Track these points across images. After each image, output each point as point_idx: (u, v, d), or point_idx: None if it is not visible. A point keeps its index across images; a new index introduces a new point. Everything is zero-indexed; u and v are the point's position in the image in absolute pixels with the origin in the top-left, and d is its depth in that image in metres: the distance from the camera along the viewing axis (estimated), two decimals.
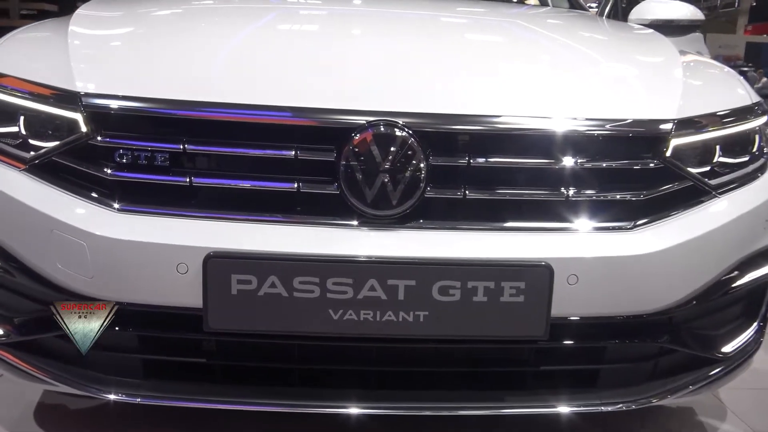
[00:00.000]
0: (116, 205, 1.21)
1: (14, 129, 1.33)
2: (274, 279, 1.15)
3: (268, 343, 1.24)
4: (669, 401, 1.38)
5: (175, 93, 1.23)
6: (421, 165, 1.19)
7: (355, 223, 1.21)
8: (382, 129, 1.18)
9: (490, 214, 1.24)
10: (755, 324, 1.52)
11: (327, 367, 1.28)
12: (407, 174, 1.19)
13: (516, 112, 1.25)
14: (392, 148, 1.18)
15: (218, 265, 1.16)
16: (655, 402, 1.34)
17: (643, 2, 2.70)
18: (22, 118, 1.32)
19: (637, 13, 2.65)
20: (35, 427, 1.62)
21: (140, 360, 1.28)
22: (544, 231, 1.24)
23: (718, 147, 1.43)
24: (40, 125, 1.30)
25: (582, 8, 2.61)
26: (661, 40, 1.80)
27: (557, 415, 1.42)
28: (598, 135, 1.28)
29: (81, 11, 1.59)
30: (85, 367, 1.29)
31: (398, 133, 1.18)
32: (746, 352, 1.47)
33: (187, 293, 1.17)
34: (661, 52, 1.66)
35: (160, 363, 1.29)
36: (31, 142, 1.30)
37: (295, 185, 1.20)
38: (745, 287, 1.44)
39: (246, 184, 1.21)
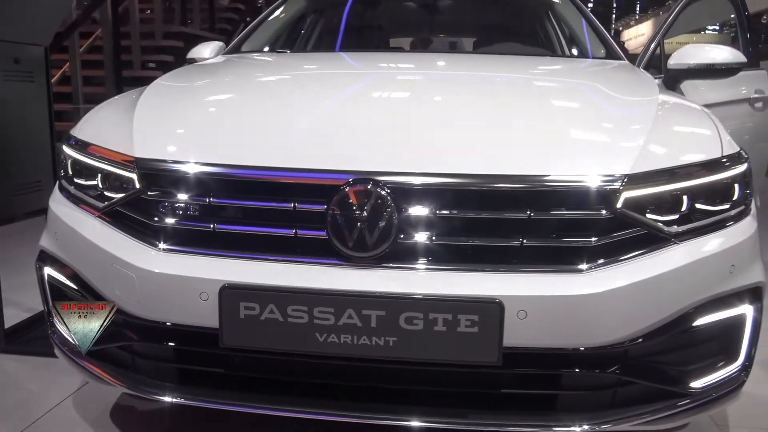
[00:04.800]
0: (160, 246, 1.54)
1: (93, 183, 1.72)
2: (272, 306, 1.43)
3: (270, 359, 1.52)
4: (626, 427, 1.50)
5: (202, 158, 1.54)
6: (394, 216, 1.43)
7: (338, 262, 1.46)
8: (361, 186, 1.44)
9: (452, 257, 1.45)
10: (734, 363, 1.60)
11: (316, 380, 1.53)
12: (381, 223, 1.43)
13: (478, 170, 1.46)
14: (369, 202, 1.43)
15: (230, 294, 1.45)
16: (610, 427, 1.47)
17: (682, 48, 2.79)
18: (99, 176, 1.70)
19: (676, 58, 2.74)
20: (110, 422, 1.99)
21: (175, 368, 1.60)
22: (499, 272, 1.43)
23: (683, 197, 1.55)
24: (110, 182, 1.67)
25: (616, 57, 2.74)
26: (647, 95, 1.90)
27: None
28: (553, 190, 1.46)
29: (151, 87, 1.98)
30: (136, 372, 1.63)
31: (374, 189, 1.43)
32: (721, 389, 1.56)
33: (208, 316, 1.47)
34: (642, 109, 1.80)
35: (189, 371, 1.60)
36: (105, 194, 1.68)
37: (293, 231, 1.49)
38: (708, 328, 1.54)
39: (254, 230, 1.51)
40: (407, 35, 3.81)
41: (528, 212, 1.44)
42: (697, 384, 1.56)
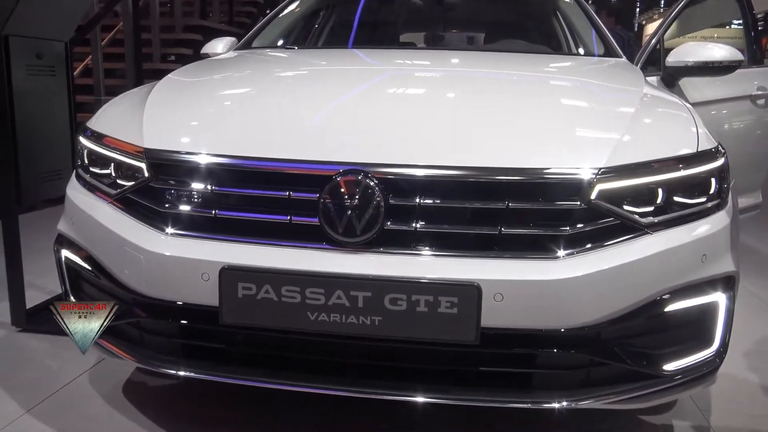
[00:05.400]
0: (166, 230, 1.66)
1: (107, 172, 1.85)
2: (268, 287, 1.54)
3: (266, 335, 1.63)
4: (600, 405, 1.60)
5: (204, 150, 1.66)
6: (381, 204, 1.54)
7: (328, 247, 1.57)
8: (350, 177, 1.55)
9: (434, 244, 1.55)
10: (707, 349, 1.68)
11: (307, 357, 1.65)
12: (369, 211, 1.54)
13: (460, 163, 1.56)
14: (358, 191, 1.54)
15: (229, 275, 1.56)
16: (581, 405, 1.57)
17: (681, 45, 2.86)
18: (112, 165, 1.83)
19: (675, 56, 2.81)
20: (122, 396, 2.13)
21: (180, 344, 1.72)
22: (477, 258, 1.53)
23: (658, 190, 1.64)
24: (122, 171, 1.80)
25: (615, 55, 2.82)
26: (630, 92, 1.99)
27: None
28: (530, 182, 1.56)
29: (162, 82, 2.11)
30: (145, 347, 1.76)
31: (363, 180, 1.54)
32: (693, 373, 1.65)
33: (209, 295, 1.58)
34: (623, 103, 1.89)
35: (192, 347, 1.72)
36: (117, 182, 1.81)
37: (288, 218, 1.60)
38: (680, 314, 1.63)
39: (252, 216, 1.62)
40: (415, 31, 3.90)
41: (506, 202, 1.54)
42: (669, 367, 1.65)
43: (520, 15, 3.58)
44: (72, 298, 1.93)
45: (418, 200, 1.55)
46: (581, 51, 3.05)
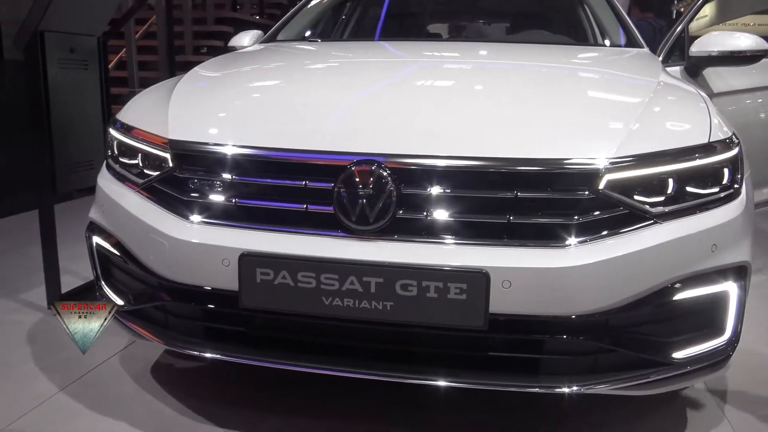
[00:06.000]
0: (189, 217, 1.73)
1: (135, 162, 1.93)
2: (284, 272, 1.60)
3: (283, 319, 1.70)
4: (607, 391, 1.63)
5: (225, 141, 1.72)
6: (393, 193, 1.59)
7: (342, 234, 1.62)
8: (364, 167, 1.60)
9: (444, 232, 1.59)
10: (718, 338, 1.70)
11: (322, 340, 1.71)
12: (382, 200, 1.59)
13: (470, 153, 1.60)
14: (371, 181, 1.59)
15: (248, 261, 1.63)
16: (590, 390, 1.60)
17: (705, 35, 2.84)
18: (139, 155, 1.91)
19: (699, 45, 2.79)
20: (150, 377, 2.23)
21: (202, 326, 1.80)
22: (486, 245, 1.57)
23: (668, 179, 1.66)
24: (149, 161, 1.88)
25: (637, 45, 2.81)
26: (645, 82, 2.00)
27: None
28: (538, 172, 1.59)
29: (188, 75, 2.19)
30: (169, 329, 1.84)
31: (376, 169, 1.59)
32: (703, 362, 1.68)
33: (229, 280, 1.65)
34: (636, 93, 1.90)
35: (214, 329, 1.80)
36: (144, 171, 1.89)
37: (304, 206, 1.66)
38: (689, 303, 1.65)
39: (270, 205, 1.68)
40: (441, 23, 3.93)
41: (515, 192, 1.58)
42: (679, 355, 1.67)
43: (545, 6, 3.58)
44: (102, 282, 2.02)
45: (429, 190, 1.60)
46: (605, 42, 3.04)
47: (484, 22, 3.82)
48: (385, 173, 1.59)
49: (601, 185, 1.59)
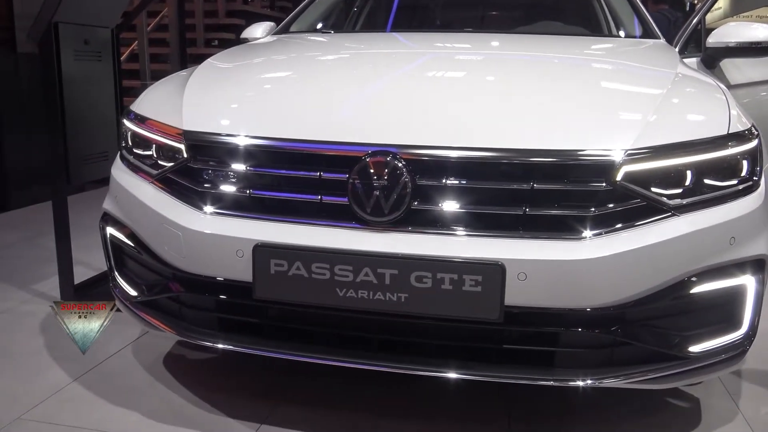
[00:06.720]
0: (203, 208, 1.73)
1: (149, 153, 1.93)
2: (299, 264, 1.60)
3: (297, 310, 1.70)
4: (623, 384, 1.61)
5: (240, 131, 1.72)
6: (408, 184, 1.58)
7: (357, 226, 1.62)
8: (379, 158, 1.59)
9: (459, 223, 1.58)
10: (735, 332, 1.68)
11: (336, 332, 1.71)
12: (397, 191, 1.58)
13: (485, 144, 1.59)
14: (386, 172, 1.58)
15: (262, 252, 1.62)
16: (605, 384, 1.59)
17: (723, 26, 2.80)
18: (153, 146, 1.91)
19: (716, 36, 2.76)
20: (162, 368, 2.23)
21: (216, 318, 1.80)
22: (502, 237, 1.56)
23: (686, 171, 1.64)
24: (163, 152, 1.88)
25: (653, 36, 2.78)
26: (662, 73, 1.98)
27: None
28: (554, 164, 1.58)
29: (201, 66, 2.18)
30: (183, 320, 1.84)
31: (391, 161, 1.58)
32: (719, 356, 1.65)
33: (243, 271, 1.65)
34: (654, 84, 1.88)
35: (228, 320, 1.80)
36: (158, 162, 1.89)
37: (318, 197, 1.65)
38: (706, 296, 1.63)
39: (285, 196, 1.68)
40: (454, 14, 3.90)
41: (531, 183, 1.56)
42: (695, 348, 1.65)
43: None
44: (116, 273, 2.03)
45: (444, 181, 1.59)
46: (620, 33, 3.01)
47: (498, 12, 3.79)
48: (400, 164, 1.58)
49: (619, 177, 1.57)
